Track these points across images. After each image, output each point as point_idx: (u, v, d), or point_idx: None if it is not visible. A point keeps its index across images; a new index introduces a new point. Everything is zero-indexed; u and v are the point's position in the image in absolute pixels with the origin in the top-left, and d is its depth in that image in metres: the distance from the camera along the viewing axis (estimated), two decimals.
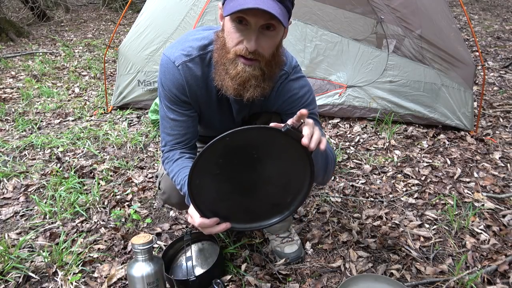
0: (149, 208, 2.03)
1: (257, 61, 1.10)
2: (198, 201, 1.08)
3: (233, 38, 1.08)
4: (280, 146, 1.01)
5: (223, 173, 1.06)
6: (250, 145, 1.02)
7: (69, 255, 1.67)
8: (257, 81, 1.13)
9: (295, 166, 1.06)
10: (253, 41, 1.05)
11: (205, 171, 1.04)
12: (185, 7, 2.86)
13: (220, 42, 1.14)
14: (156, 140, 2.77)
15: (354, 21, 3.61)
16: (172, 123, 1.33)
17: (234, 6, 1.01)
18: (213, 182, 1.08)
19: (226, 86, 1.15)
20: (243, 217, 1.14)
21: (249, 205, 1.13)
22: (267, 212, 1.15)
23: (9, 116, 3.22)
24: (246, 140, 1.01)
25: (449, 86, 2.67)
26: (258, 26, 1.04)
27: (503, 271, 1.53)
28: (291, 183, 1.10)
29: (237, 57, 1.10)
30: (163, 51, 1.27)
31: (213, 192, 1.09)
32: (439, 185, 2.15)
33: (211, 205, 1.10)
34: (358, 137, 2.72)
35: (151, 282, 1.29)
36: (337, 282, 1.51)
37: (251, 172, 1.07)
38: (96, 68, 4.51)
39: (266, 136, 1.01)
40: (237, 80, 1.11)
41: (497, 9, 7.33)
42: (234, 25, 1.06)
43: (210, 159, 1.02)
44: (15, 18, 7.12)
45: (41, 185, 2.23)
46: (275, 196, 1.12)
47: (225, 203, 1.12)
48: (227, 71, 1.12)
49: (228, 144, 0.98)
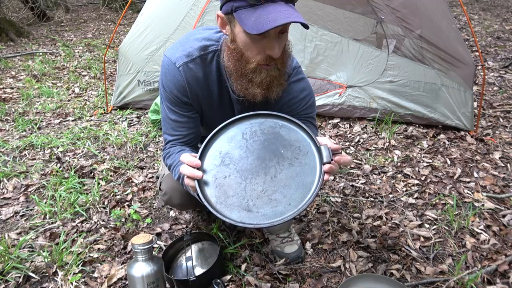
0: (149, 208, 2.03)
1: (275, 63, 1.13)
2: (208, 146, 1.13)
3: (253, 49, 1.08)
4: (306, 156, 1.09)
5: (247, 144, 1.11)
6: (288, 140, 1.10)
7: (69, 255, 1.67)
8: (278, 80, 1.17)
9: (305, 179, 1.08)
10: (276, 49, 1.07)
11: (239, 129, 1.12)
12: (185, 7, 2.86)
13: (236, 54, 1.11)
14: (156, 140, 2.77)
15: (354, 21, 3.60)
16: (174, 124, 1.33)
17: (263, 24, 0.97)
18: (232, 143, 1.12)
19: (253, 94, 1.17)
20: (232, 200, 1.08)
21: (245, 188, 1.09)
22: (260, 207, 1.08)
23: (9, 116, 3.22)
24: (289, 134, 1.11)
25: (449, 86, 2.67)
26: (277, 33, 1.06)
27: (503, 271, 1.54)
28: (294, 193, 1.08)
29: (259, 66, 1.11)
30: (164, 52, 1.27)
31: (224, 150, 1.12)
32: (439, 185, 2.15)
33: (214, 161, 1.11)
34: (358, 137, 2.72)
35: (151, 282, 1.29)
36: (337, 282, 1.51)
37: (268, 161, 1.10)
38: (96, 68, 4.51)
39: (305, 142, 1.10)
40: (264, 86, 1.14)
41: (497, 9, 7.33)
42: (251, 37, 1.05)
43: (252, 123, 1.12)
44: (15, 18, 7.12)
45: (41, 185, 2.23)
46: (275, 195, 1.10)
47: (224, 169, 1.10)
48: (251, 80, 1.14)
49: (274, 126, 1.10)
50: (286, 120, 1.14)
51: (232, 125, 1.15)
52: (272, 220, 1.04)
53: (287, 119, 1.13)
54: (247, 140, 1.13)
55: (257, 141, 1.12)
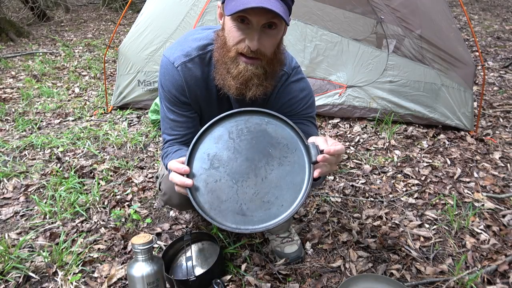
0: (149, 208, 2.03)
1: (258, 59, 1.10)
2: (195, 149, 1.09)
3: (235, 36, 1.07)
4: (295, 154, 1.08)
5: (234, 144, 1.09)
6: (275, 138, 1.09)
7: (69, 255, 1.67)
8: (259, 79, 1.13)
9: (295, 178, 1.07)
10: (255, 40, 1.05)
11: (225, 128, 1.10)
12: (185, 7, 2.86)
13: (220, 41, 1.13)
14: (156, 140, 2.77)
15: (354, 21, 3.61)
16: (172, 124, 1.33)
17: (237, 6, 1.00)
18: (220, 144, 1.10)
19: (228, 85, 1.15)
20: (226, 205, 1.07)
21: (237, 192, 1.08)
22: (254, 210, 1.08)
23: (9, 116, 3.22)
24: (276, 131, 1.09)
25: (449, 86, 2.67)
26: (260, 25, 1.04)
27: (503, 271, 1.54)
28: (285, 194, 1.08)
29: (238, 56, 1.09)
30: (163, 52, 1.27)
31: (211, 152, 1.09)
32: (439, 185, 2.15)
33: (202, 164, 1.08)
34: (358, 137, 2.72)
35: (151, 282, 1.29)
36: (337, 282, 1.51)
37: (257, 162, 1.09)
38: (96, 68, 4.51)
39: (292, 139, 1.09)
40: (239, 79, 1.11)
41: (497, 9, 7.33)
42: (235, 24, 1.06)
43: (238, 120, 1.10)
44: (15, 18, 7.12)
45: (41, 185, 2.23)
46: (267, 197, 1.09)
47: (214, 173, 1.08)
48: (229, 70, 1.12)
49: (260, 124, 1.09)
50: (271, 117, 1.11)
51: (218, 124, 1.12)
52: (266, 224, 1.05)
53: (273, 115, 1.11)
54: (234, 140, 1.11)
55: (244, 141, 1.10)
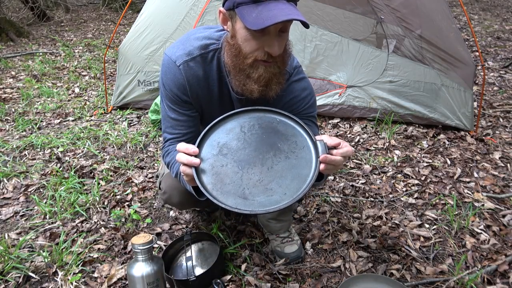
0: (149, 208, 2.03)
1: (275, 61, 1.13)
2: (206, 137, 1.14)
3: (252, 45, 1.08)
4: (303, 150, 1.11)
5: (245, 136, 1.13)
6: (285, 135, 1.13)
7: (69, 255, 1.67)
8: (277, 78, 1.17)
9: (301, 171, 1.09)
10: (276, 46, 1.07)
11: (238, 122, 1.15)
12: (185, 7, 2.86)
13: (234, 50, 1.12)
14: (156, 140, 2.77)
15: (354, 21, 3.61)
16: (173, 123, 1.33)
17: (264, 20, 0.98)
18: (230, 135, 1.14)
19: (250, 90, 1.16)
20: (228, 188, 1.09)
21: (241, 177, 1.10)
22: (256, 195, 1.09)
23: (9, 116, 3.22)
24: (287, 130, 1.14)
25: (449, 86, 2.67)
26: (277, 31, 1.06)
27: (503, 271, 1.54)
28: (290, 183, 1.10)
29: (257, 62, 1.11)
30: (165, 51, 1.27)
31: (222, 140, 1.13)
32: (439, 185, 2.15)
33: (211, 150, 1.12)
34: (358, 137, 2.72)
35: (151, 282, 1.29)
36: (337, 282, 1.51)
37: (265, 153, 1.11)
38: (96, 68, 4.51)
39: (302, 137, 1.13)
40: (262, 82, 1.14)
41: (497, 9, 7.33)
42: (251, 33, 1.05)
43: (251, 117, 1.16)
44: (15, 18, 7.12)
45: (41, 185, 2.23)
46: (271, 185, 1.10)
47: (222, 159, 1.12)
48: (249, 75, 1.13)
49: (272, 122, 1.14)
50: (284, 116, 1.17)
51: (231, 118, 1.17)
52: (267, 208, 1.05)
53: (285, 115, 1.16)
54: (245, 133, 1.15)
55: (255, 134, 1.15)
